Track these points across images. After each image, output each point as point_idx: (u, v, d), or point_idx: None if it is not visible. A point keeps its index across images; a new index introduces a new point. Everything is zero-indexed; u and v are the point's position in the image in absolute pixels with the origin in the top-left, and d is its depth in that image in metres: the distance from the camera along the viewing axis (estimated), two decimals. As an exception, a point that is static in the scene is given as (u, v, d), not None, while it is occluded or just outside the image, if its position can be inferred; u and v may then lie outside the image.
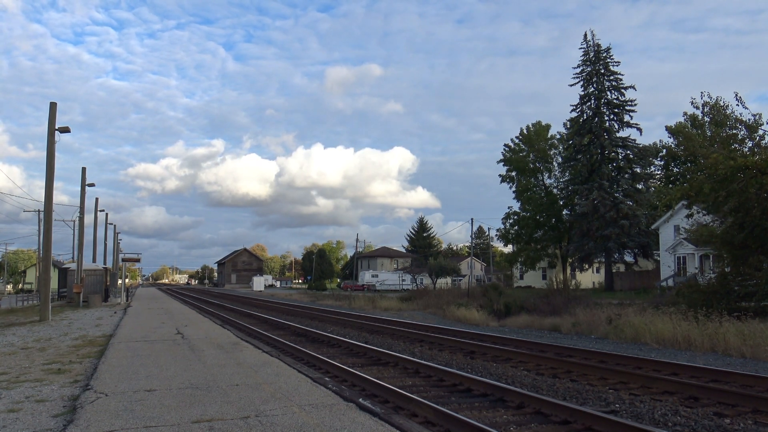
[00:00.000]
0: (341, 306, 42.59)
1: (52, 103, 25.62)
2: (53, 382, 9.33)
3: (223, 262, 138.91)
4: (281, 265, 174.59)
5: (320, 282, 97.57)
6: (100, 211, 56.87)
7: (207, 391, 8.21)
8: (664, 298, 25.88)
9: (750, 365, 12.97)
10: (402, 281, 79.20)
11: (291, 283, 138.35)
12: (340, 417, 6.72)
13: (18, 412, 7.14)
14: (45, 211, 26.65)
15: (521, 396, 8.82)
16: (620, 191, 51.02)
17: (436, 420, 7.51)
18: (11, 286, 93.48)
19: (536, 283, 61.59)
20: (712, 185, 20.85)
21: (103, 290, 43.41)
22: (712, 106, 24.06)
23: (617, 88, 52.77)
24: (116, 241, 71.28)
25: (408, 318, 29.57)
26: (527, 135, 62.21)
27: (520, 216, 60.77)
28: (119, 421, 6.55)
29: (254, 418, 6.67)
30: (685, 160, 45.87)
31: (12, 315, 29.26)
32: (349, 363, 12.92)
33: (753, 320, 16.85)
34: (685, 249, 42.22)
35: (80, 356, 12.51)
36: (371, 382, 9.86)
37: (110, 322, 22.75)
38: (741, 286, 21.43)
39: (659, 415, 8.13)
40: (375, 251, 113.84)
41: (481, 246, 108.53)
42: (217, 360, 11.46)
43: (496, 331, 22.88)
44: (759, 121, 22.80)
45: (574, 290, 33.60)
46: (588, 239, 51.02)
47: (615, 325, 19.93)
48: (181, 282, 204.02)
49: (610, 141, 51.60)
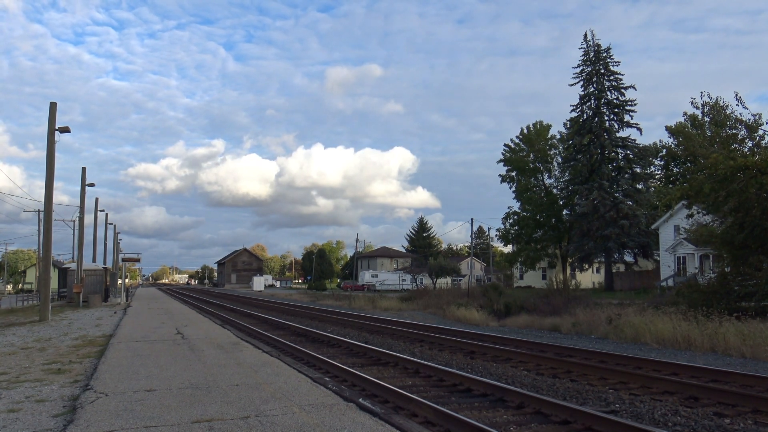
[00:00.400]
0: (341, 306, 42.59)
1: (52, 103, 25.65)
2: (53, 382, 9.33)
3: (223, 262, 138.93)
4: (281, 265, 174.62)
5: (320, 282, 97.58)
6: (100, 211, 56.95)
7: (207, 391, 8.21)
8: (664, 298, 25.88)
9: (750, 365, 12.97)
10: (402, 281, 79.20)
11: (291, 283, 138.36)
12: (340, 417, 6.72)
13: (18, 412, 7.14)
14: (45, 211, 26.67)
15: (521, 396, 8.82)
16: (620, 191, 51.06)
17: (436, 420, 7.51)
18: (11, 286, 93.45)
19: (536, 283, 61.58)
20: (712, 185, 20.85)
21: (103, 290, 43.41)
22: (712, 106, 24.09)
23: (617, 88, 52.82)
24: (116, 241, 71.32)
25: (408, 318, 29.57)
26: (527, 135, 62.28)
27: (520, 216, 60.82)
28: (119, 421, 6.55)
29: (254, 418, 6.68)
30: (685, 160, 45.89)
31: (12, 315, 29.27)
32: (349, 363, 12.91)
33: (753, 320, 16.86)
34: (685, 249, 42.23)
35: (80, 356, 12.51)
36: (371, 382, 9.86)
37: (110, 322, 22.75)
38: (741, 286, 21.43)
39: (659, 415, 8.14)
40: (375, 251, 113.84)
41: (481, 246, 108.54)
42: (217, 360, 11.46)
43: (496, 331, 22.88)
44: (759, 121, 22.83)
45: (574, 290, 33.57)
46: (588, 239, 51.06)
47: (615, 325, 19.93)
48: (181, 282, 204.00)
49: (610, 141, 51.64)
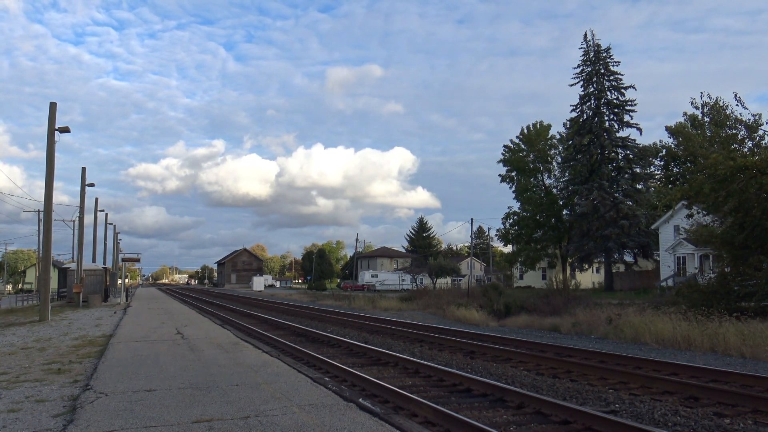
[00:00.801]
0: (341, 306, 42.58)
1: (52, 103, 25.66)
2: (53, 382, 9.33)
3: (223, 262, 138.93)
4: (281, 265, 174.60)
5: (320, 282, 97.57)
6: (100, 211, 56.97)
7: (207, 391, 8.21)
8: (664, 298, 25.89)
9: (750, 365, 12.97)
10: (402, 281, 79.18)
11: (291, 283, 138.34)
12: (340, 417, 6.72)
13: (18, 412, 7.14)
14: (45, 211, 26.67)
15: (521, 396, 8.82)
16: (620, 191, 51.05)
17: (436, 420, 7.51)
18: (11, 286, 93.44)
19: (536, 283, 61.58)
20: (712, 185, 20.85)
21: (103, 290, 43.40)
22: (712, 107, 24.12)
23: (617, 88, 52.82)
24: (116, 241, 71.30)
25: (408, 318, 29.57)
26: (527, 135, 62.27)
27: (520, 216, 60.81)
28: (119, 421, 6.55)
29: (254, 418, 6.68)
30: (685, 160, 45.91)
31: (12, 315, 29.27)
32: (349, 363, 12.91)
33: (753, 320, 16.85)
34: (685, 249, 42.24)
35: (80, 356, 12.51)
36: (371, 382, 9.86)
37: (110, 322, 22.75)
38: (741, 286, 21.42)
39: (659, 415, 8.13)
40: (375, 251, 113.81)
41: (481, 246, 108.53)
42: (217, 360, 11.46)
43: (496, 331, 22.87)
44: (759, 121, 22.86)
45: (574, 290, 33.53)
46: (588, 239, 51.05)
47: (615, 325, 19.93)
48: (181, 282, 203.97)
49: (610, 141, 51.64)
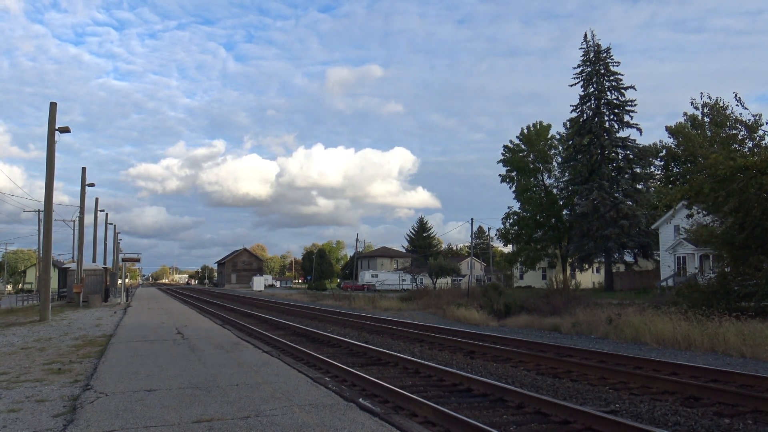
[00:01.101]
0: (341, 306, 42.58)
1: (52, 103, 25.65)
2: (53, 382, 9.33)
3: (223, 262, 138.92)
4: (281, 265, 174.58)
5: (320, 282, 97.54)
6: (100, 211, 56.94)
7: (207, 391, 8.21)
8: (664, 298, 25.87)
9: (750, 365, 12.96)
10: (402, 281, 79.17)
11: (291, 283, 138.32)
12: (340, 417, 6.73)
13: (18, 412, 7.14)
14: (45, 211, 26.68)
15: (521, 396, 8.82)
16: (620, 191, 51.06)
17: (436, 420, 7.51)
18: (11, 286, 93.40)
19: (536, 283, 61.59)
20: (712, 185, 20.85)
21: (103, 290, 43.40)
22: (712, 107, 24.11)
23: (617, 88, 52.83)
24: (116, 241, 71.32)
25: (408, 318, 29.56)
26: (527, 135, 62.29)
27: (520, 216, 60.84)
28: (119, 421, 6.56)
29: (254, 418, 6.68)
30: (685, 160, 45.89)
31: (12, 315, 29.26)
32: (349, 363, 12.92)
33: (753, 320, 16.85)
34: (685, 249, 42.24)
35: (80, 356, 12.51)
36: (371, 382, 9.87)
37: (110, 322, 22.75)
38: (741, 286, 21.42)
39: (659, 415, 8.14)
40: (375, 251, 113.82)
41: (481, 246, 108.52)
42: (217, 360, 11.47)
43: (496, 331, 22.87)
44: (759, 122, 22.84)
45: (574, 290, 33.52)
46: (588, 239, 51.06)
47: (615, 325, 19.92)
48: (181, 282, 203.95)
49: (610, 141, 51.65)
